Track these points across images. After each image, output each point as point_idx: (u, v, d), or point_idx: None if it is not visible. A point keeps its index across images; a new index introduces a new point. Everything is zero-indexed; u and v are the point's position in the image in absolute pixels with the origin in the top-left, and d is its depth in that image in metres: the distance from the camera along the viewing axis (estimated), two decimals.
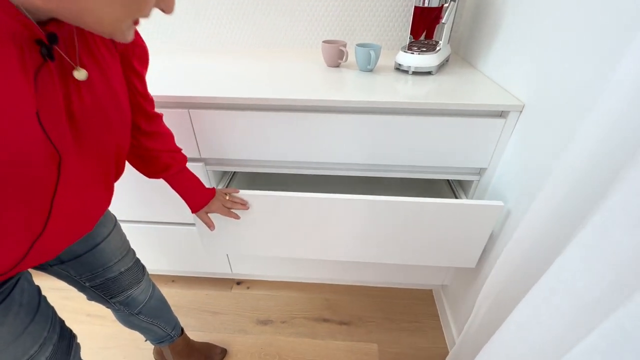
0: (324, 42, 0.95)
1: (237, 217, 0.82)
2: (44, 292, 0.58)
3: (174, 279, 1.32)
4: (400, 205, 0.81)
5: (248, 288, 1.29)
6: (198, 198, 0.77)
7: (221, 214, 0.80)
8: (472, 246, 0.86)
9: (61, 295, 1.27)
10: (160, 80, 0.87)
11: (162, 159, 0.68)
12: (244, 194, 0.80)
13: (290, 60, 1.06)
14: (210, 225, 0.81)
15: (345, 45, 0.94)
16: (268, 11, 1.12)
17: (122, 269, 0.73)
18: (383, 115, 0.77)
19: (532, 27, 0.70)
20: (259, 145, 0.84)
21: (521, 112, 0.73)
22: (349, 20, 1.11)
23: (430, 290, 1.28)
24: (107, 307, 0.78)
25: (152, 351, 1.07)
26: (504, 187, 0.80)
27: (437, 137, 0.79)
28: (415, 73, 0.91)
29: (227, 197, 0.79)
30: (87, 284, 0.70)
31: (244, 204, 0.80)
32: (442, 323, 1.16)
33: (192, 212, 0.79)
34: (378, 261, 0.94)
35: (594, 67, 0.53)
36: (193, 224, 1.05)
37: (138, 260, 0.80)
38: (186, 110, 0.80)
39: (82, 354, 0.70)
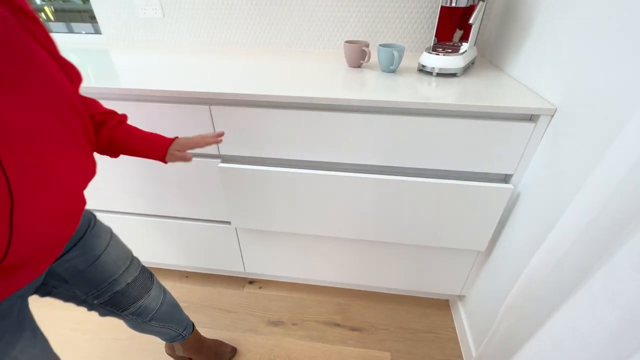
0: (346, 42, 0.94)
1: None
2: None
3: (187, 275, 1.33)
4: (410, 185, 0.82)
5: (260, 288, 1.28)
6: (156, 146, 0.66)
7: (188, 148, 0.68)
8: (482, 229, 0.88)
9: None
10: (183, 77, 0.88)
11: (96, 119, 0.61)
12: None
13: (312, 60, 1.05)
14: (187, 158, 0.68)
15: (367, 46, 0.93)
16: (290, 12, 1.12)
17: (129, 280, 0.71)
18: (405, 116, 0.75)
19: (568, 29, 0.67)
20: (278, 143, 0.84)
21: (553, 116, 0.69)
22: (372, 21, 1.10)
23: (447, 301, 1.23)
24: (120, 319, 0.76)
25: (163, 344, 1.08)
26: (531, 195, 0.76)
27: (460, 140, 0.76)
28: (439, 75, 0.88)
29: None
30: (95, 302, 0.67)
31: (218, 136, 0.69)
32: (458, 335, 1.11)
33: (163, 160, 0.67)
34: (386, 240, 0.95)
35: (634, 71, 0.49)
36: (210, 221, 1.06)
37: (144, 268, 0.78)
38: (207, 106, 0.81)
39: (98, 343, 0.70)
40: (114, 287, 0.68)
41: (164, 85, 0.81)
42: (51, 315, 1.18)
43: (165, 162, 0.67)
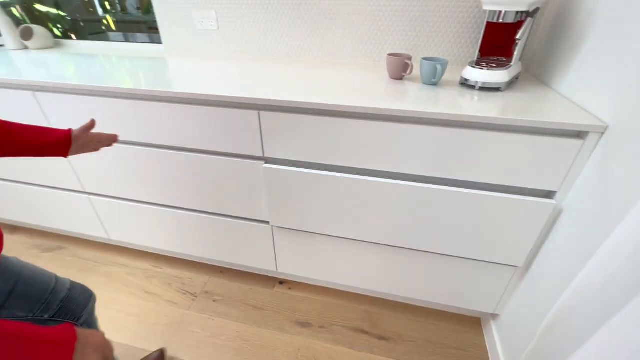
0: (389, 55, 0.98)
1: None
2: (108, 268, 0.59)
3: (222, 270, 1.40)
4: (448, 194, 0.84)
5: (290, 289, 1.32)
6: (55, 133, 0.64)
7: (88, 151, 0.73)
8: (520, 243, 0.86)
9: (126, 272, 1.42)
10: (234, 84, 0.95)
11: None
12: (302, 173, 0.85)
13: (355, 71, 1.10)
14: (113, 138, 0.71)
15: (410, 59, 0.95)
16: (334, 25, 1.18)
17: (68, 286, 0.68)
18: (445, 128, 0.77)
19: (622, 45, 0.66)
20: (321, 148, 0.88)
21: (603, 133, 0.68)
22: (415, 35, 1.13)
23: (479, 319, 1.20)
24: None
25: (201, 333, 1.14)
26: (575, 212, 0.74)
27: (502, 154, 0.76)
28: (482, 89, 0.89)
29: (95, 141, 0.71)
30: (45, 316, 0.63)
31: (113, 139, 0.72)
32: (489, 354, 1.07)
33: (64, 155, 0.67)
34: (421, 248, 0.96)
35: None
36: (247, 219, 1.12)
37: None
38: (256, 111, 0.87)
39: (140, 327, 0.67)
40: (57, 295, 0.64)
41: (217, 90, 0.88)
42: (100, 296, 1.29)
43: (67, 155, 0.65)
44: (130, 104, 0.96)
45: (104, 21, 1.65)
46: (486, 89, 0.89)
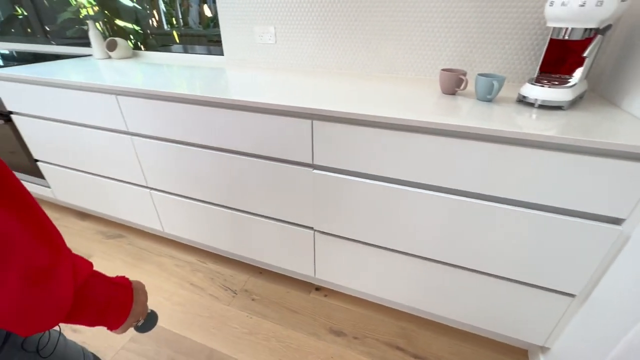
0: (442, 70, 0.98)
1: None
2: (159, 258, 0.65)
3: (261, 271, 1.45)
4: (501, 212, 0.80)
5: (325, 296, 1.33)
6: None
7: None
8: (578, 269, 0.80)
9: (174, 263, 1.52)
10: (289, 94, 1.01)
11: None
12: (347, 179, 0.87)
13: (406, 85, 1.11)
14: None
15: (465, 74, 0.95)
16: (387, 40, 1.21)
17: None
18: (500, 145, 0.75)
19: None
20: (370, 158, 0.90)
21: None
22: (469, 50, 1.12)
23: (526, 351, 1.12)
24: None
25: (239, 329, 1.19)
26: None
27: (562, 175, 0.73)
28: (542, 107, 0.86)
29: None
30: None
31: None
32: None
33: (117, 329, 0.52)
34: (467, 265, 0.93)
35: None
36: (291, 223, 1.16)
37: None
38: (310, 120, 0.92)
39: (184, 315, 0.71)
40: None
41: (274, 99, 0.94)
42: (150, 283, 1.40)
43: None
44: (194, 108, 1.05)
45: (173, 34, 1.84)
46: (546, 107, 0.85)
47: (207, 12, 1.72)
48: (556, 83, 0.85)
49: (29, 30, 2.15)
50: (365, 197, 0.96)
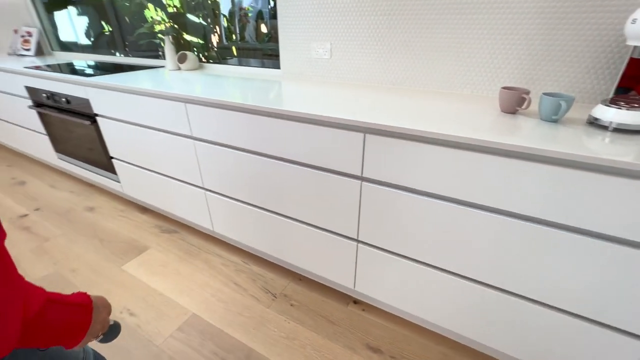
0: (503, 88, 0.95)
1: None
2: (208, 255, 0.70)
3: (300, 278, 1.48)
4: (562, 239, 0.75)
5: (363, 310, 1.32)
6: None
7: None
8: None
9: (221, 262, 1.60)
10: (343, 107, 1.04)
11: None
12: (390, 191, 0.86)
13: (463, 102, 1.09)
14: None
15: (528, 93, 0.91)
16: (445, 57, 1.20)
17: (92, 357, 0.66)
18: (568, 169, 0.71)
19: None
20: (421, 175, 0.90)
21: None
22: (532, 68, 1.08)
23: None
24: None
25: (277, 333, 1.22)
26: None
27: None
28: (617, 130, 0.79)
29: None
30: None
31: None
32: None
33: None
34: (523, 293, 0.87)
35: None
36: (335, 233, 1.18)
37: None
38: (362, 134, 0.94)
39: (226, 313, 0.73)
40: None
41: (328, 112, 0.98)
42: (198, 278, 1.49)
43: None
44: (252, 117, 1.13)
45: (232, 48, 1.99)
46: (623, 130, 0.79)
47: (263, 29, 1.84)
48: (636, 105, 0.78)
49: (112, 44, 2.45)
50: (414, 213, 0.95)
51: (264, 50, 1.89)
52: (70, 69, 1.97)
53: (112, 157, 1.84)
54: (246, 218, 1.41)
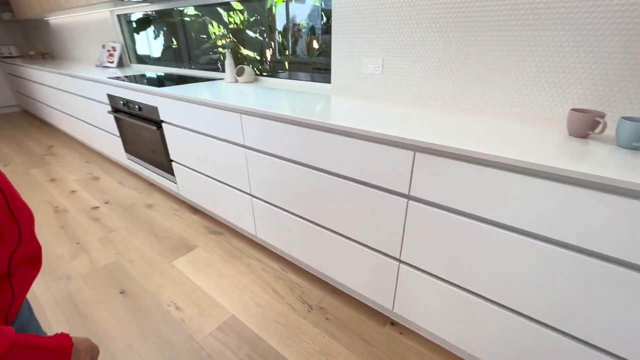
0: (573, 110, 0.87)
1: None
2: (249, 259, 0.73)
3: (337, 291, 1.47)
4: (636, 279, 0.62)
5: (401, 334, 1.27)
6: None
7: None
8: None
9: (261, 267, 1.65)
10: (395, 124, 1.03)
11: None
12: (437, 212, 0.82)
13: (524, 123, 1.02)
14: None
15: (603, 116, 0.83)
16: (505, 74, 1.14)
17: None
18: None
19: None
20: (471, 197, 0.85)
21: None
22: (608, 89, 0.98)
23: None
24: None
25: (311, 345, 1.22)
26: None
27: None
28: None
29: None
30: None
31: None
32: None
33: None
34: (575, 334, 0.74)
35: None
36: (376, 250, 1.16)
37: None
38: (412, 152, 0.92)
39: (262, 318, 0.73)
40: None
41: (379, 128, 0.98)
42: (239, 281, 1.54)
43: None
44: (301, 130, 1.16)
45: (285, 62, 2.08)
46: None
47: (315, 44, 1.90)
48: None
49: (179, 57, 2.70)
50: (463, 238, 0.90)
51: (314, 64, 1.95)
52: (143, 79, 2.21)
53: (171, 160, 2.01)
54: (288, 226, 1.44)
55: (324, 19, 1.79)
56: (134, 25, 2.92)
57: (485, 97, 1.21)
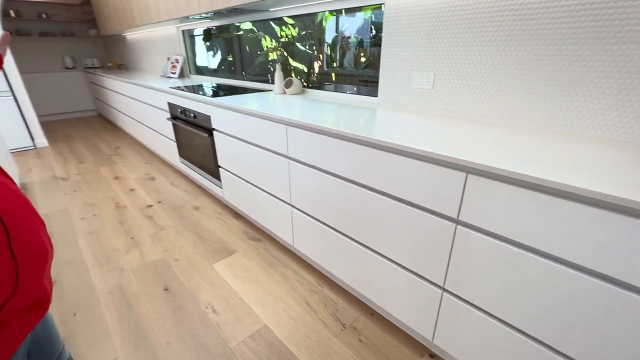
0: None
1: None
2: (285, 269, 0.73)
3: (372, 313, 1.40)
4: None
5: None
6: None
7: None
8: None
9: (296, 278, 1.63)
10: (446, 142, 0.97)
11: None
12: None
13: (595, 147, 0.90)
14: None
15: None
16: (572, 91, 1.02)
17: (68, 355, 0.69)
18: None
19: None
20: (534, 228, 0.76)
21: None
22: None
23: None
24: None
25: (340, 359, 1.17)
26: None
27: None
28: None
29: None
30: None
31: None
32: None
33: None
34: None
35: None
36: (419, 275, 1.08)
37: None
38: (464, 174, 0.85)
39: (294, 331, 0.73)
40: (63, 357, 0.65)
41: (430, 147, 0.92)
42: (274, 290, 1.55)
43: None
44: (346, 144, 1.14)
45: (332, 74, 2.09)
46: None
47: (362, 57, 1.89)
48: None
49: (233, 69, 2.86)
50: (517, 270, 0.80)
51: (360, 77, 1.94)
52: (200, 89, 2.36)
53: (219, 166, 2.11)
54: (327, 240, 1.42)
55: (373, 31, 1.77)
56: (196, 39, 3.17)
57: (550, 116, 1.09)
